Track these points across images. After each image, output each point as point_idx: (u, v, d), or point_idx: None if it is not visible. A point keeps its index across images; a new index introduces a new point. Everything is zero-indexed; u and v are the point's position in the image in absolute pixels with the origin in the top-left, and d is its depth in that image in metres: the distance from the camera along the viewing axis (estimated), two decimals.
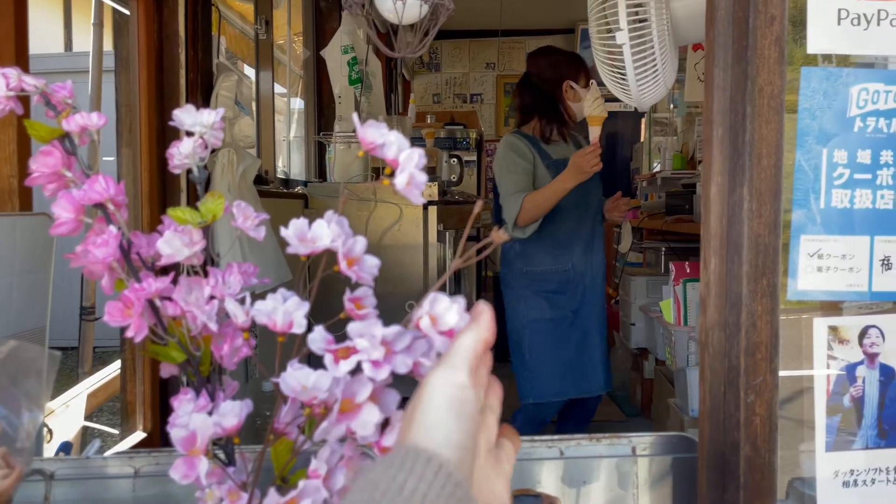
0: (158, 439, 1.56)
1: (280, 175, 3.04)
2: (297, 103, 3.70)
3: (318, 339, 0.49)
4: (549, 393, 2.25)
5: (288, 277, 1.82)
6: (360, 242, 0.56)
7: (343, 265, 0.55)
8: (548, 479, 0.85)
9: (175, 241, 0.60)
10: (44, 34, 6.73)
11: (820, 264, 0.77)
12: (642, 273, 3.45)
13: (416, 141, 3.67)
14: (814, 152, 0.77)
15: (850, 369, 0.78)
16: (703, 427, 0.78)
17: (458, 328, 0.47)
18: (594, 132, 1.99)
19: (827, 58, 0.78)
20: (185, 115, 0.63)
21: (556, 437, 0.84)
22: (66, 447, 1.51)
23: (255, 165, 1.89)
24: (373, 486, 0.36)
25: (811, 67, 0.77)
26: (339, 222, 0.57)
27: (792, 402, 0.95)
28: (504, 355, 2.23)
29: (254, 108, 2.62)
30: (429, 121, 5.63)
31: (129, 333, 0.59)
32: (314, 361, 0.54)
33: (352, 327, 0.49)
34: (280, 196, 2.65)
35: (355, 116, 0.60)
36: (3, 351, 0.51)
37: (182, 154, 0.64)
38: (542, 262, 2.29)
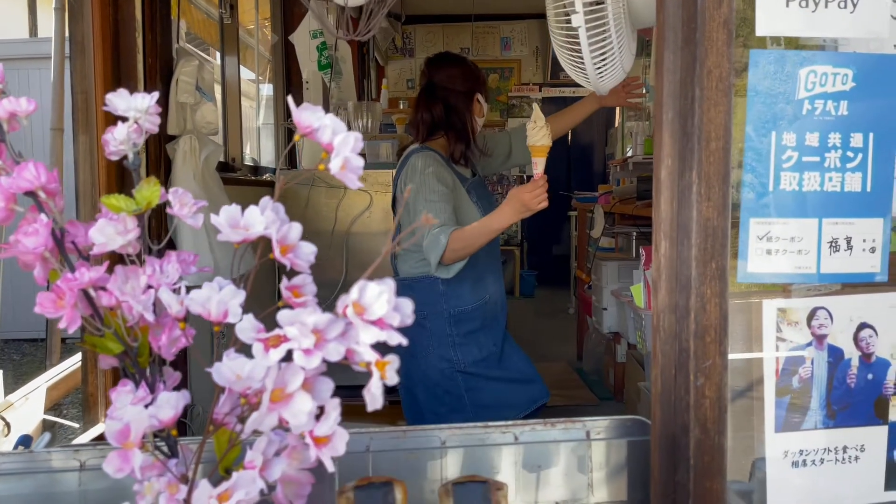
0: None
1: (248, 162, 3.00)
2: (266, 88, 3.66)
3: (248, 327, 0.48)
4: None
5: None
6: (296, 229, 0.55)
7: (277, 252, 0.54)
8: (504, 465, 0.85)
9: (108, 230, 0.58)
10: (8, 19, 6.57)
11: (769, 247, 0.77)
12: (614, 258, 3.47)
13: (386, 127, 3.64)
14: (763, 135, 0.77)
15: (799, 350, 0.79)
16: (656, 410, 0.79)
17: (386, 317, 0.47)
18: (539, 164, 1.65)
19: (776, 40, 0.78)
20: (119, 100, 0.61)
21: (510, 422, 0.84)
22: (25, 440, 1.48)
23: (218, 152, 1.86)
24: None
25: (760, 50, 0.77)
26: (274, 208, 0.56)
27: (754, 385, 0.95)
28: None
29: (218, 93, 2.58)
30: (402, 106, 5.59)
31: (61, 325, 0.58)
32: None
33: (282, 315, 0.48)
34: (248, 183, 2.62)
35: (290, 99, 0.58)
36: None
37: (117, 140, 0.62)
38: (468, 298, 1.93)
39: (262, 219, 0.53)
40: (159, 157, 1.77)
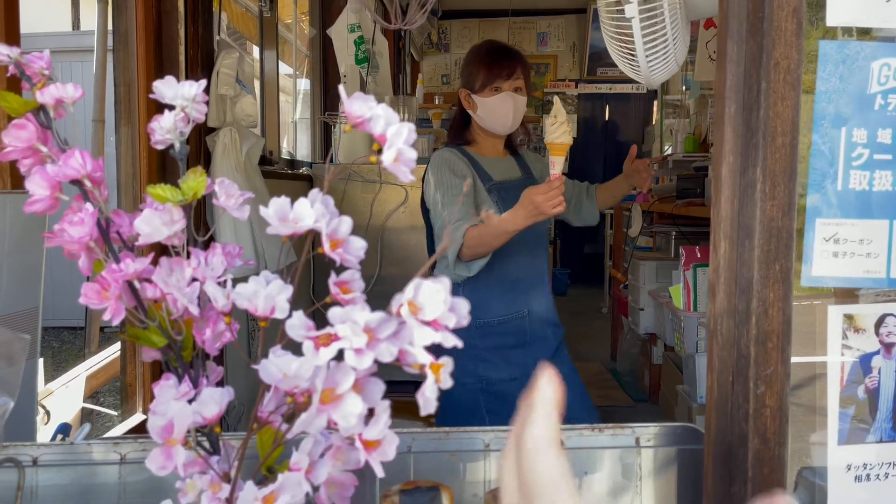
0: None
1: (285, 156, 3.01)
2: (304, 83, 3.66)
3: (298, 325, 0.46)
4: None
5: (294, 258, 1.80)
6: (346, 223, 0.53)
7: (327, 247, 0.52)
8: None
9: (154, 220, 0.57)
10: (51, 13, 6.70)
11: (836, 249, 0.73)
12: (652, 257, 3.40)
13: (423, 122, 3.62)
14: (831, 131, 0.73)
15: (866, 359, 0.75)
16: (710, 418, 0.75)
17: (441, 318, 0.44)
18: (557, 164, 1.48)
19: (847, 31, 0.74)
20: (166, 88, 0.60)
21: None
22: (64, 429, 1.50)
23: (259, 145, 1.86)
24: None
25: (830, 41, 0.73)
26: (323, 201, 0.54)
27: (803, 390, 0.91)
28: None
29: (257, 86, 2.59)
30: (437, 102, 5.57)
31: (105, 317, 0.56)
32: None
33: (333, 313, 0.46)
34: (285, 177, 2.62)
35: (341, 87, 0.56)
36: None
37: (163, 129, 0.61)
38: (496, 310, 1.79)
39: (312, 212, 0.51)
40: (199, 148, 1.77)
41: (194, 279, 0.58)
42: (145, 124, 1.65)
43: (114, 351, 1.71)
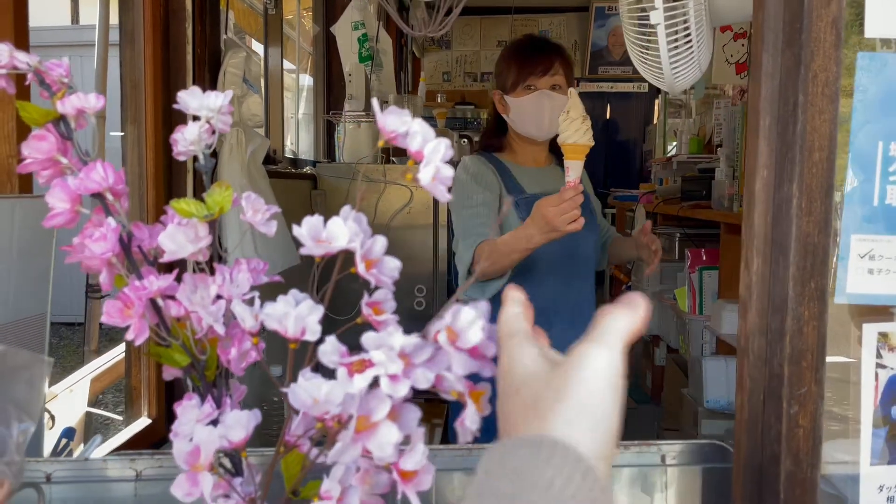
0: (164, 426, 1.52)
1: (288, 154, 2.99)
2: (306, 80, 3.63)
3: (331, 350, 0.44)
4: None
5: (296, 261, 1.78)
6: (380, 242, 0.51)
7: (361, 268, 0.50)
8: None
9: (179, 237, 0.55)
10: (49, 6, 6.65)
11: (871, 266, 0.71)
12: None
13: (427, 121, 3.59)
14: (869, 145, 0.72)
15: None
16: (741, 437, 0.73)
17: (481, 346, 0.43)
18: (573, 170, 1.26)
19: (885, 42, 0.72)
20: (191, 98, 0.58)
21: None
22: (68, 433, 1.48)
23: (265, 146, 1.84)
24: (517, 476, 0.34)
25: (868, 53, 0.71)
26: (356, 219, 0.52)
27: (837, 408, 0.89)
28: None
29: (262, 85, 2.56)
30: (439, 100, 5.55)
31: (129, 336, 0.54)
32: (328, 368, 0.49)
33: (367, 338, 0.44)
34: (288, 176, 2.59)
35: (375, 102, 0.54)
36: None
37: (187, 140, 0.59)
38: None
39: (346, 231, 0.49)
40: None
41: (219, 296, 0.56)
42: (152, 124, 1.63)
43: (118, 353, 1.69)
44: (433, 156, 0.50)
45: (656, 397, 3.44)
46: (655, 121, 6.08)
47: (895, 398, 0.73)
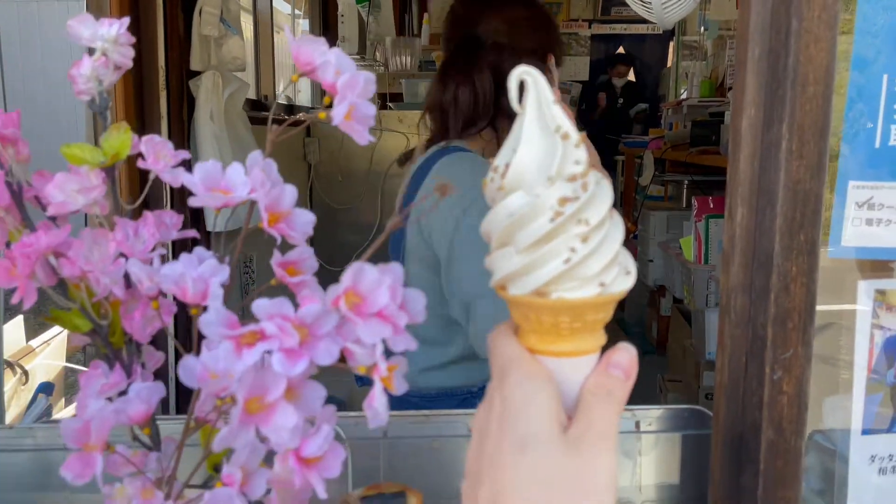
0: None
1: (283, 100, 2.89)
2: (304, 24, 3.51)
3: (214, 321, 0.38)
4: None
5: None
6: (289, 192, 0.44)
7: (265, 221, 0.43)
8: None
9: (68, 186, 0.48)
10: None
11: (871, 216, 0.64)
12: (663, 207, 3.29)
13: (427, 64, 3.47)
14: (870, 79, 0.63)
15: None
16: (720, 403, 0.67)
17: (389, 310, 0.36)
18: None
19: None
20: (82, 26, 0.50)
21: None
22: (46, 388, 1.45)
23: (245, 89, 1.75)
24: None
25: None
26: (265, 166, 0.45)
27: (819, 346, 0.82)
28: None
29: (249, 27, 2.45)
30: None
31: (15, 299, 0.49)
32: None
33: (258, 305, 0.37)
34: (280, 123, 2.51)
35: (287, 29, 0.47)
36: None
37: (84, 77, 0.52)
38: None
39: (246, 180, 0.43)
40: (182, 94, 1.67)
41: (121, 254, 0.50)
42: None
43: None
44: (347, 90, 0.43)
45: (661, 348, 3.39)
46: (670, 63, 5.88)
47: (892, 362, 0.66)
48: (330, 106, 0.44)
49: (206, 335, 0.38)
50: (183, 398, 1.53)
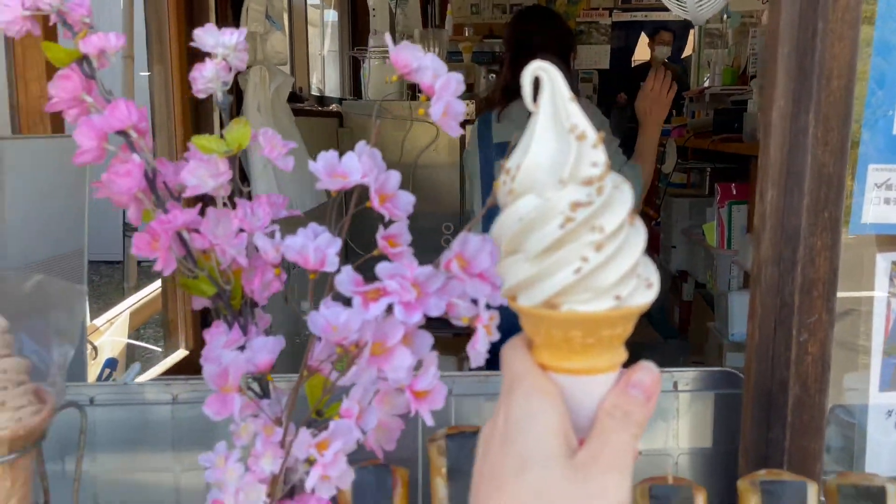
0: (199, 357, 1.59)
1: (314, 92, 2.98)
2: (332, 14, 3.59)
3: (347, 280, 0.47)
4: None
5: (325, 199, 1.80)
6: (394, 177, 0.53)
7: (375, 201, 0.52)
8: None
9: (200, 171, 0.57)
10: None
11: (888, 196, 0.71)
12: (685, 194, 3.35)
13: (453, 56, 3.54)
14: (889, 72, 0.70)
15: None
16: (750, 364, 0.75)
17: (488, 272, 0.45)
18: None
19: None
20: (207, 35, 0.59)
21: None
22: (111, 363, 1.55)
23: (289, 83, 1.84)
24: None
25: None
26: (371, 155, 0.53)
27: (840, 327, 0.89)
28: None
29: (286, 21, 2.54)
30: (466, 34, 5.43)
31: (157, 267, 0.58)
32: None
33: (381, 268, 0.46)
34: (315, 114, 2.60)
35: (387, 37, 0.55)
36: (30, 285, 0.50)
37: (205, 78, 0.61)
38: None
39: (360, 166, 0.51)
40: (231, 88, 1.75)
41: (241, 230, 0.59)
42: (177, 63, 1.64)
43: (155, 288, 1.75)
44: (443, 91, 0.51)
45: (683, 332, 3.46)
46: (691, 51, 5.89)
47: None
48: (427, 105, 0.53)
49: (341, 291, 0.47)
50: None
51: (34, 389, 0.50)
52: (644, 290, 0.34)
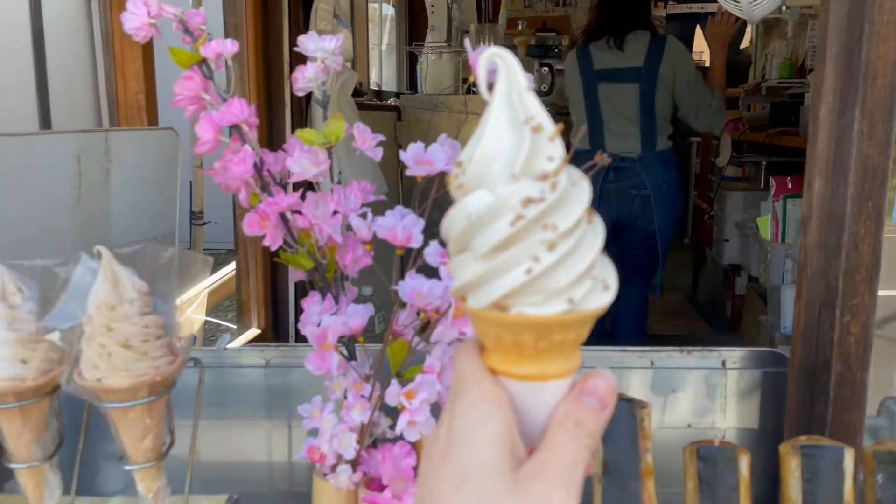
0: (270, 335, 1.69)
1: (372, 87, 3.08)
2: (389, 11, 3.68)
3: (434, 252, 0.55)
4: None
5: (385, 189, 1.89)
6: None
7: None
8: (636, 387, 0.90)
9: (304, 161, 0.66)
10: None
11: None
12: (740, 188, 3.34)
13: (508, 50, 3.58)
14: None
15: None
16: (796, 343, 0.81)
17: None
18: None
19: None
20: (309, 42, 0.68)
21: (647, 348, 0.89)
22: (192, 341, 1.67)
23: (353, 79, 1.94)
24: None
25: None
26: (452, 146, 0.61)
27: (892, 323, 0.94)
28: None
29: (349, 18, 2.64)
30: (520, 27, 5.46)
31: (266, 242, 0.66)
32: (428, 273, 0.60)
33: None
34: (374, 108, 2.70)
35: (467, 42, 0.62)
36: (167, 256, 0.59)
37: (306, 78, 0.69)
38: None
39: (443, 155, 0.59)
40: None
41: (336, 212, 0.67)
42: (253, 62, 1.75)
43: (229, 271, 1.87)
44: None
45: (735, 326, 3.45)
46: (749, 43, 5.79)
47: None
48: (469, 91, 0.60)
49: (429, 262, 0.55)
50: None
51: (168, 343, 0.60)
52: (601, 292, 0.32)
